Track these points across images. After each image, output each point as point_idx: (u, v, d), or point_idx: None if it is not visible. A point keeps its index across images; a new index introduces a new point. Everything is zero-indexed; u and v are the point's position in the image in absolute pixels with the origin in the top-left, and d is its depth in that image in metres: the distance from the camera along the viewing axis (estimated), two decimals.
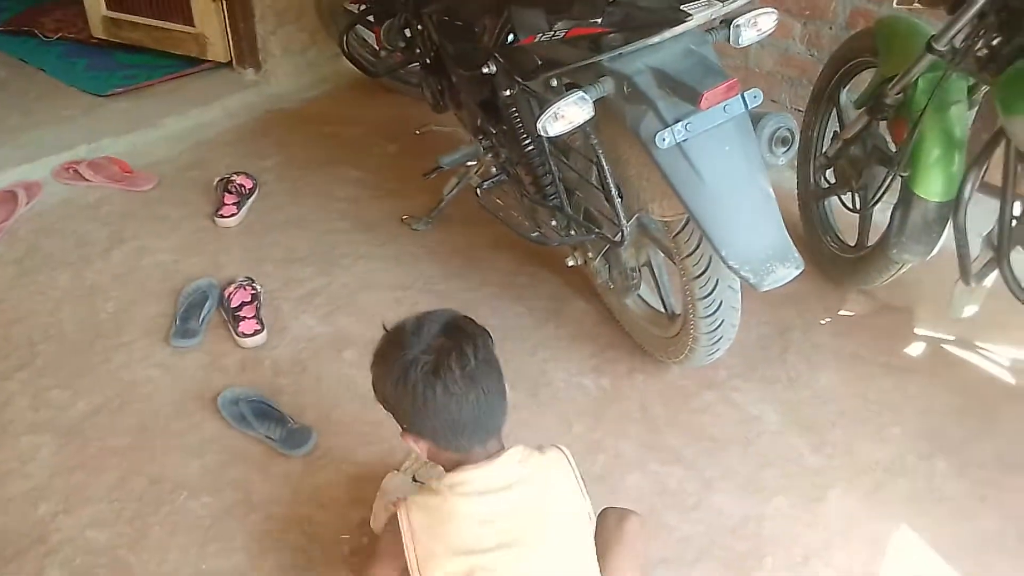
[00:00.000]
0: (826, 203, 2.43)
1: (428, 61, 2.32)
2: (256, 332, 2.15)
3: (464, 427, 1.23)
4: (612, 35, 1.51)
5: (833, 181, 2.36)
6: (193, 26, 3.41)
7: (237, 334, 2.14)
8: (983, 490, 1.79)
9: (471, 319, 1.30)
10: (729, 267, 1.55)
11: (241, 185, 2.70)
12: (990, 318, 2.10)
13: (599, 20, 1.51)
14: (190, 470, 1.81)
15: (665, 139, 1.50)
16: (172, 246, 2.52)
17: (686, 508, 1.76)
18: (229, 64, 3.48)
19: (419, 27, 2.26)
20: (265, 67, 3.42)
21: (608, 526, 1.38)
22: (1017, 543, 1.69)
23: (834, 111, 2.38)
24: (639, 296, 2.09)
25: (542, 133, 1.54)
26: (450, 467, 1.28)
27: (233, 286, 2.24)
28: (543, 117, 1.54)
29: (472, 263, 2.44)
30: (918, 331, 2.23)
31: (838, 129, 2.33)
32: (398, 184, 2.78)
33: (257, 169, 2.84)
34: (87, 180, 2.75)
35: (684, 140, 1.51)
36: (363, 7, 2.88)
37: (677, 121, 1.50)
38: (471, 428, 1.23)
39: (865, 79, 2.20)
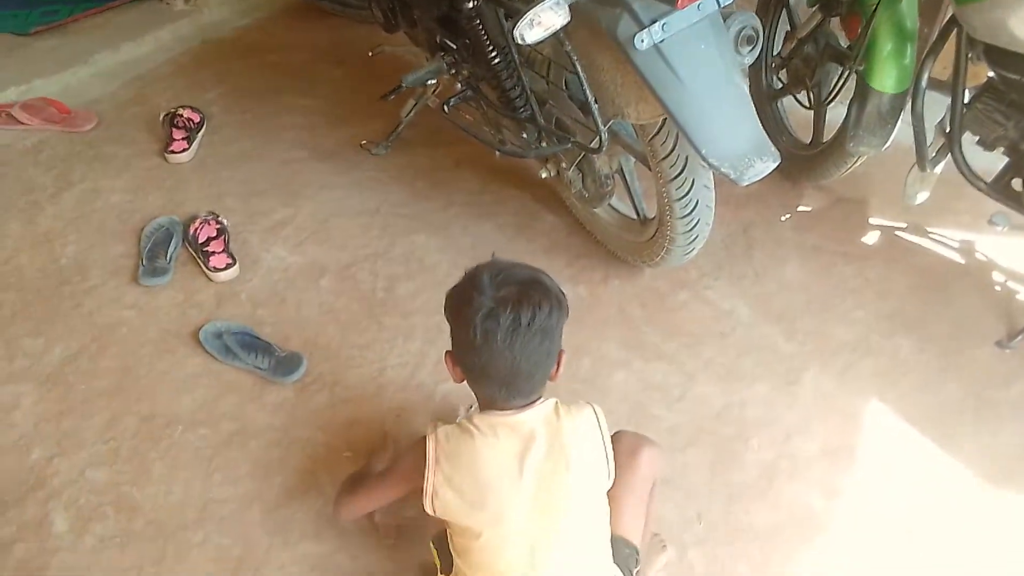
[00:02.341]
0: (779, 103, 2.48)
1: None
2: (228, 266, 2.12)
3: (491, 379, 1.24)
4: None
5: (786, 81, 2.41)
6: None
7: (208, 269, 2.11)
8: (943, 362, 1.92)
9: (552, 288, 1.27)
10: (709, 165, 1.58)
11: (189, 119, 2.61)
12: (940, 204, 2.21)
13: None
14: (182, 405, 1.80)
15: (643, 41, 1.50)
16: (124, 186, 2.43)
17: (672, 400, 1.84)
18: None
19: None
20: None
21: (622, 450, 1.36)
22: (978, 408, 1.82)
23: (784, 11, 2.41)
24: (610, 205, 2.13)
25: (519, 41, 1.52)
26: (483, 404, 1.30)
27: (198, 221, 2.19)
28: (520, 25, 1.52)
29: (437, 185, 2.44)
30: (873, 220, 2.33)
31: (789, 29, 2.36)
32: (350, 109, 2.73)
33: (202, 102, 2.74)
34: (23, 123, 2.61)
35: (661, 41, 1.52)
36: None
37: (653, 22, 1.50)
38: (498, 383, 1.24)
39: None
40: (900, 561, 1.56)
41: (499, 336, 1.19)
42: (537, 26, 1.54)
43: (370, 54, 2.79)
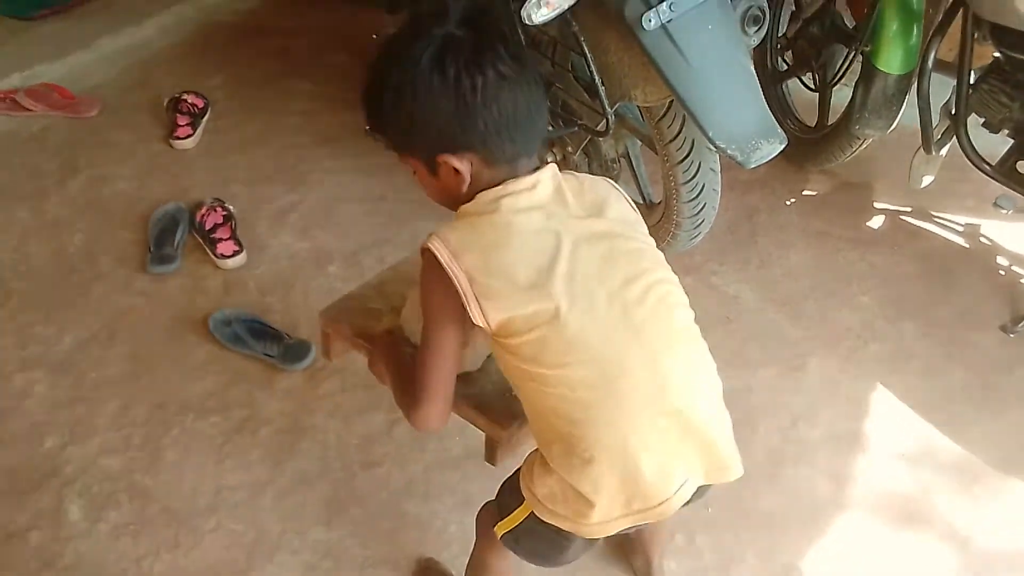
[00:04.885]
0: (784, 85, 2.48)
1: None
2: (235, 253, 2.12)
3: (519, 123, 1.01)
4: None
5: (791, 63, 2.41)
6: None
7: (216, 256, 2.12)
8: (948, 347, 1.93)
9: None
10: (716, 147, 1.59)
11: (193, 104, 2.61)
12: (944, 187, 2.22)
13: None
14: (192, 393, 1.82)
15: (651, 20, 1.50)
16: (130, 172, 2.44)
17: None
18: None
19: None
20: None
21: None
22: (982, 393, 1.83)
23: None
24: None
25: (525, 22, 1.52)
26: (485, 182, 1.04)
27: (204, 208, 2.20)
28: (527, 5, 1.53)
29: None
30: (878, 204, 2.33)
31: (794, 9, 2.35)
32: (354, 94, 2.69)
33: (205, 88, 2.74)
34: (28, 109, 2.61)
35: (669, 21, 1.51)
36: None
37: (661, 1, 1.51)
38: (525, 125, 1.02)
39: None
40: (905, 545, 1.58)
41: (509, 64, 0.99)
42: (545, 6, 1.54)
43: (374, 37, 2.76)
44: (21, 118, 2.61)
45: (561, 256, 1.00)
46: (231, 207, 2.23)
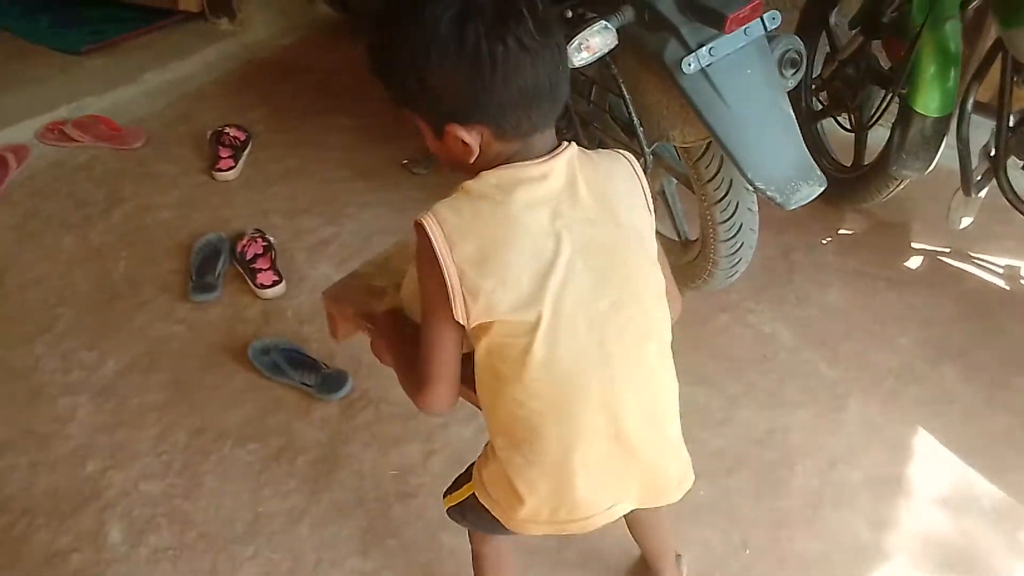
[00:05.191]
0: (820, 125, 2.49)
1: None
2: (275, 283, 2.16)
3: (537, 98, 0.93)
4: None
5: (827, 103, 2.41)
6: None
7: (256, 286, 2.15)
8: (989, 391, 1.90)
9: None
10: (756, 189, 1.60)
11: (235, 137, 2.67)
12: (984, 228, 2.20)
13: None
14: (231, 420, 1.84)
15: (691, 65, 1.52)
16: (173, 202, 2.49)
17: (715, 423, 1.84)
18: (200, 15, 3.39)
19: None
20: (240, 16, 3.34)
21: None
22: None
23: (824, 33, 2.41)
24: None
25: None
26: (495, 159, 0.98)
27: (245, 239, 2.24)
28: (567, 49, 1.55)
29: None
30: (916, 245, 2.32)
31: (830, 51, 2.36)
32: (391, 129, 2.77)
33: (247, 121, 2.80)
34: (75, 140, 2.69)
35: (708, 65, 1.54)
36: None
37: (701, 46, 1.53)
38: (543, 100, 0.94)
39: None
40: None
41: (533, 32, 0.90)
42: (585, 50, 1.57)
43: None
44: (69, 148, 2.69)
45: (557, 267, 0.95)
46: (271, 238, 2.27)
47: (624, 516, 1.16)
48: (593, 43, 1.55)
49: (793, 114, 1.63)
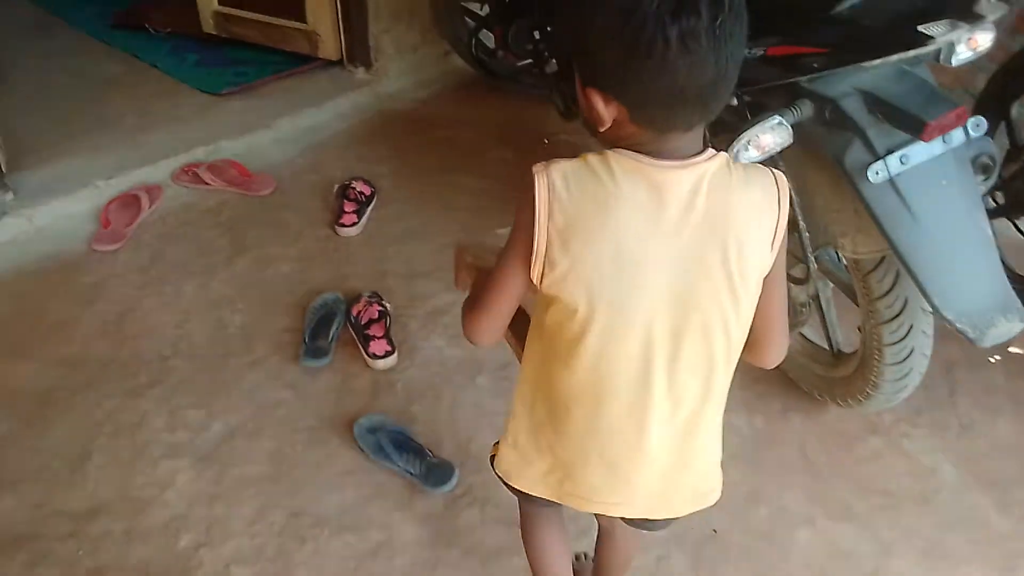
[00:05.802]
0: (990, 225, 2.22)
1: (561, 67, 2.19)
2: (387, 353, 2.06)
3: (686, 100, 0.88)
4: (823, 55, 1.35)
5: (1003, 202, 2.16)
6: (305, 22, 3.34)
7: (368, 355, 2.06)
8: None
9: None
10: (943, 318, 1.39)
11: (360, 192, 2.63)
12: None
13: (814, 39, 1.36)
14: (330, 504, 1.73)
15: (878, 173, 1.35)
16: (295, 255, 2.45)
17: (864, 574, 1.61)
18: (339, 62, 3.41)
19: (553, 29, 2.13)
20: (376, 65, 3.34)
21: None
22: None
23: (1002, 125, 2.17)
24: (800, 332, 1.93)
25: None
26: (629, 142, 0.95)
27: (361, 302, 2.16)
28: (735, 145, 1.40)
29: None
30: None
31: (1010, 147, 2.12)
32: (517, 194, 2.66)
33: (373, 175, 2.76)
34: (207, 184, 2.70)
35: (898, 174, 1.35)
36: (488, 6, 2.77)
37: (890, 152, 1.36)
38: (692, 103, 0.89)
39: None
40: None
41: (702, 36, 0.83)
42: (754, 148, 1.42)
43: (545, 142, 2.75)
44: (200, 191, 2.71)
45: (632, 275, 0.95)
46: (387, 304, 2.18)
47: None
48: (764, 141, 1.40)
49: (992, 235, 1.42)
